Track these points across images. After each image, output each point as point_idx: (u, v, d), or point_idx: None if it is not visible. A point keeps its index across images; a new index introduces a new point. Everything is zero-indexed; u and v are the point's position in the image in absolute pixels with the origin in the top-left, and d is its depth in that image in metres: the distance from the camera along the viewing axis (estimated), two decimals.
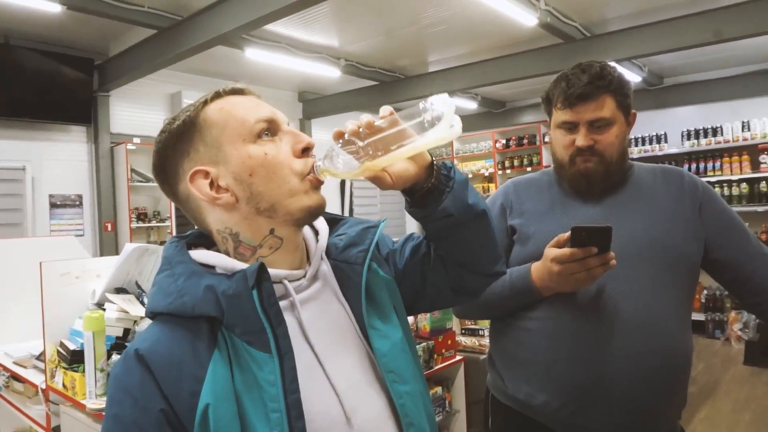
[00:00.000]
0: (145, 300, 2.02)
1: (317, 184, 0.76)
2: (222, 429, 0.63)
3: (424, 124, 0.72)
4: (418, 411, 0.77)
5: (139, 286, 2.08)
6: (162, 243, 5.86)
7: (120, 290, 2.04)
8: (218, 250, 0.78)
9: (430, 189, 0.78)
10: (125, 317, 1.89)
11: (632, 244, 1.21)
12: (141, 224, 5.94)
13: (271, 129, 0.75)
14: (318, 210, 0.76)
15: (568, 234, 1.14)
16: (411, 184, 0.77)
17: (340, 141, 0.73)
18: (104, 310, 1.89)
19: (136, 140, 5.95)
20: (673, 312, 1.20)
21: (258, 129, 0.74)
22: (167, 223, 6.12)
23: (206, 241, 0.80)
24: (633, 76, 6.73)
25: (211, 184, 0.74)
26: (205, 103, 0.76)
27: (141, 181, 5.95)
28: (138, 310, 1.93)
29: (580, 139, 1.23)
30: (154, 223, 6.07)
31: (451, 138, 0.73)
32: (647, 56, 5.68)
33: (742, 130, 6.60)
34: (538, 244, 1.26)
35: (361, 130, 0.72)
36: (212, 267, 0.74)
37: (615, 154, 1.24)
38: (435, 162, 0.79)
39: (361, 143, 0.71)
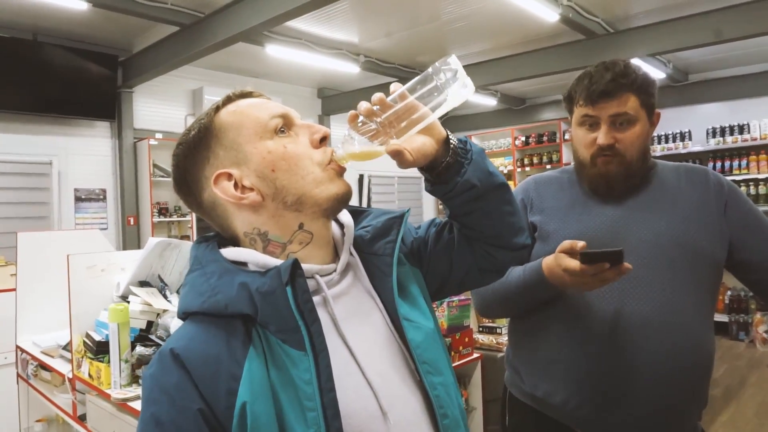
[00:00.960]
0: (167, 293, 2.06)
1: (340, 171, 0.76)
2: (260, 427, 0.63)
3: (438, 87, 0.72)
4: (451, 402, 0.77)
5: (161, 280, 2.11)
6: (183, 237, 5.96)
7: (143, 283, 2.08)
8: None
9: (450, 162, 0.78)
10: (149, 310, 1.93)
11: (655, 245, 1.19)
12: (162, 219, 6.04)
13: (286, 124, 0.75)
14: (345, 197, 0.76)
15: (581, 244, 1.09)
16: (431, 159, 0.77)
17: (357, 123, 0.73)
18: (128, 302, 1.94)
19: (159, 135, 6.05)
20: (695, 313, 1.18)
21: (274, 125, 0.74)
22: (188, 218, 6.21)
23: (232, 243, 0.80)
24: (657, 73, 6.62)
25: (236, 186, 0.73)
26: (217, 108, 0.77)
27: (163, 176, 6.04)
28: (161, 303, 1.97)
29: (602, 137, 1.21)
30: (175, 218, 6.17)
31: (467, 96, 0.73)
32: (672, 52, 5.58)
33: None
34: (559, 242, 1.21)
35: (375, 108, 0.72)
36: (244, 264, 0.74)
37: (636, 155, 1.23)
38: (450, 135, 0.79)
39: (378, 120, 0.72)
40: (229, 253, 0.74)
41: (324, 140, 0.77)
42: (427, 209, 9.55)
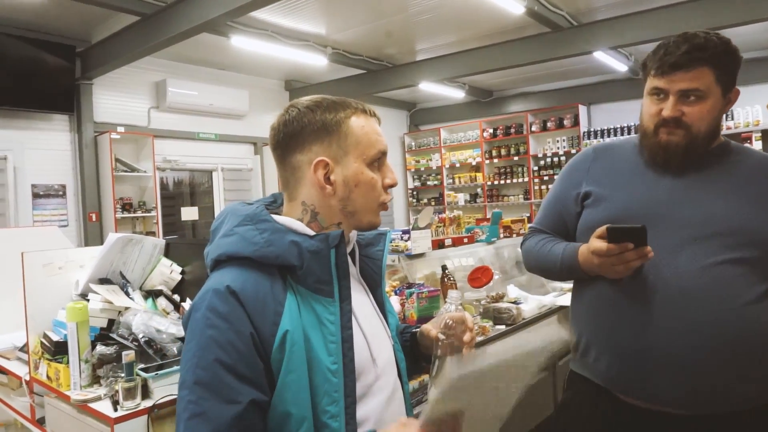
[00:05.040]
0: (130, 290, 2.01)
1: (383, 210, 0.98)
2: (295, 351, 0.83)
3: None
4: (406, 373, 1.07)
5: (123, 276, 2.06)
6: (148, 233, 5.81)
7: (104, 281, 2.02)
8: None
9: None
10: (109, 308, 1.87)
11: (705, 224, 1.19)
12: (126, 215, 5.88)
13: (381, 160, 0.96)
14: (375, 227, 0.99)
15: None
16: None
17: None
18: (88, 300, 1.87)
19: (121, 129, 5.87)
20: (744, 292, 1.16)
21: (376, 158, 0.94)
22: (153, 214, 6.06)
23: (272, 207, 0.99)
24: (619, 66, 6.76)
25: (325, 174, 0.91)
26: (353, 113, 0.94)
27: (126, 171, 5.88)
28: (122, 301, 1.91)
29: (667, 110, 1.20)
30: (139, 214, 6.01)
31: None
32: (634, 45, 5.69)
33: (726, 119, 6.69)
34: (609, 209, 1.29)
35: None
36: (292, 230, 0.91)
37: (703, 129, 1.21)
38: None
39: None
40: (282, 219, 0.92)
41: (391, 186, 0.99)
42: (398, 212, 9.56)
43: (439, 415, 0.84)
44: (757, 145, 6.44)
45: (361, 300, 0.99)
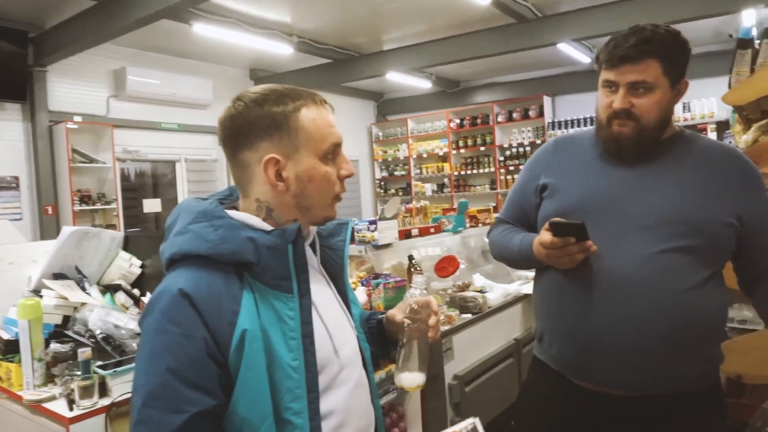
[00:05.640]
0: (86, 285, 1.94)
1: (338, 201, 0.96)
2: (254, 349, 0.81)
3: None
4: (371, 362, 1.06)
5: (79, 271, 1.98)
6: (108, 226, 5.63)
7: (59, 276, 1.94)
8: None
9: None
10: (64, 304, 1.80)
11: (654, 212, 1.23)
12: (85, 207, 5.68)
13: (336, 151, 0.93)
14: (331, 220, 0.98)
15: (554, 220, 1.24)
16: None
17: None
18: (41, 296, 1.80)
19: (78, 119, 5.66)
20: (686, 279, 1.20)
21: (329, 151, 0.91)
22: (113, 206, 5.88)
23: (227, 202, 0.97)
24: (582, 57, 6.87)
25: (277, 171, 0.88)
26: (304, 105, 0.90)
27: (84, 162, 5.68)
28: (78, 296, 1.84)
29: (617, 101, 1.23)
30: (99, 206, 5.82)
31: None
32: (597, 37, 5.79)
33: (683, 111, 6.90)
34: (563, 200, 1.34)
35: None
36: (248, 226, 0.89)
37: (652, 121, 1.24)
38: None
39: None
40: (237, 214, 0.90)
41: (346, 177, 0.96)
42: (366, 202, 9.54)
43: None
44: (712, 136, 6.65)
45: (322, 292, 0.98)
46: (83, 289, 1.92)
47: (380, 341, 1.12)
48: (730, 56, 2.60)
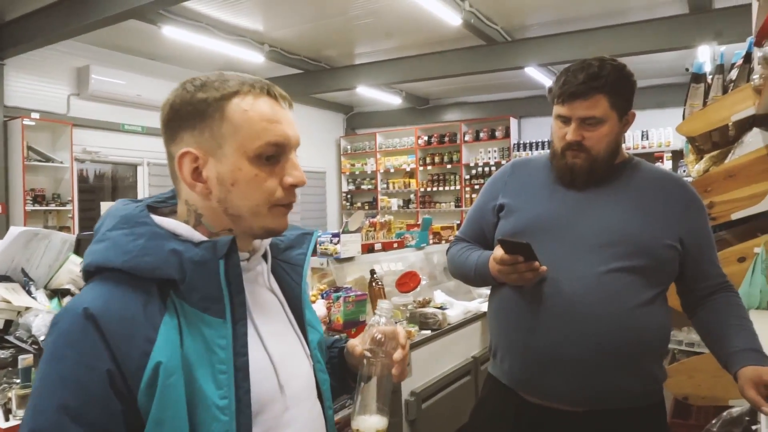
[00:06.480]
0: (32, 289, 1.86)
1: (287, 211, 0.80)
2: (171, 385, 0.67)
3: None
4: (330, 395, 0.93)
5: (25, 274, 1.90)
6: (62, 228, 5.43)
7: (3, 278, 1.86)
8: (176, 218, 0.81)
9: None
10: (7, 307, 1.72)
11: (601, 233, 1.29)
12: (38, 207, 5.47)
13: (276, 154, 0.77)
14: (276, 232, 0.82)
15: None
16: None
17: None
18: None
19: (35, 115, 5.46)
20: (631, 297, 1.26)
21: (261, 152, 0.75)
22: (68, 207, 5.68)
23: (160, 206, 0.84)
24: (548, 82, 7.07)
25: (196, 169, 0.76)
26: (236, 93, 0.76)
27: (39, 161, 5.47)
28: (23, 300, 1.76)
29: (570, 134, 1.31)
30: (53, 207, 5.61)
31: None
32: (560, 64, 5.97)
33: (642, 139, 7.18)
34: (519, 219, 1.39)
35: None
36: (175, 235, 0.77)
37: (603, 151, 1.32)
38: None
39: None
40: (164, 221, 0.77)
41: (293, 187, 0.80)
42: (331, 211, 9.51)
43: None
44: (668, 164, 6.92)
45: (271, 315, 0.85)
46: (29, 292, 1.84)
47: (340, 373, 0.98)
48: (686, 89, 2.72)
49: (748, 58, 2.25)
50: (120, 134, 6.38)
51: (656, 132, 7.14)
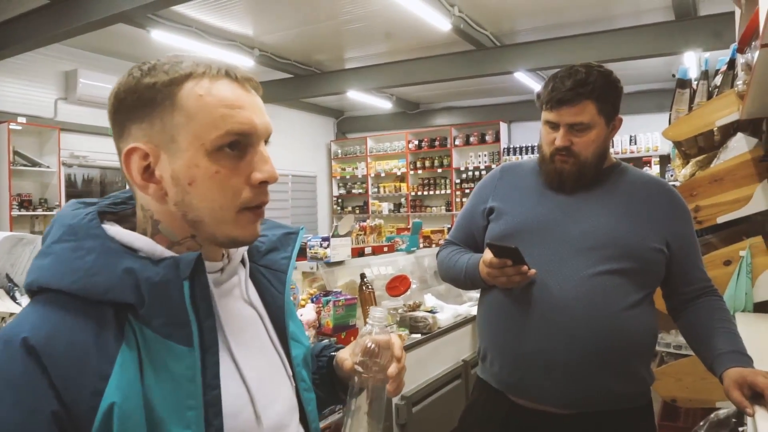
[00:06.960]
0: (17, 295, 1.84)
1: (257, 219, 0.69)
2: (128, 428, 0.57)
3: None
4: (316, 416, 0.82)
5: (10, 280, 1.88)
6: None
7: None
8: (133, 227, 0.70)
9: None
10: None
11: (589, 236, 1.31)
12: (24, 212, 5.41)
13: (241, 144, 0.65)
14: (245, 243, 0.70)
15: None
16: None
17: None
18: None
19: (22, 120, 5.41)
20: (619, 300, 1.27)
21: (221, 143, 0.64)
22: (55, 213, 5.62)
23: (118, 208, 0.72)
24: (537, 87, 7.11)
25: (147, 168, 0.65)
26: (189, 76, 0.65)
27: (25, 165, 5.42)
28: (7, 306, 1.75)
29: (559, 139, 1.32)
30: (39, 212, 5.55)
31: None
32: (549, 69, 6.02)
33: (630, 144, 7.26)
34: (508, 222, 1.40)
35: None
36: (132, 249, 0.65)
37: (591, 156, 1.34)
38: None
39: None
40: (118, 233, 0.66)
41: (264, 184, 0.68)
42: (321, 214, 9.50)
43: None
44: (655, 168, 7.00)
45: (248, 333, 0.74)
46: (13, 298, 1.83)
47: (330, 385, 0.89)
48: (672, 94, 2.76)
49: (731, 64, 2.28)
50: (108, 139, 6.18)
51: (644, 137, 7.21)
